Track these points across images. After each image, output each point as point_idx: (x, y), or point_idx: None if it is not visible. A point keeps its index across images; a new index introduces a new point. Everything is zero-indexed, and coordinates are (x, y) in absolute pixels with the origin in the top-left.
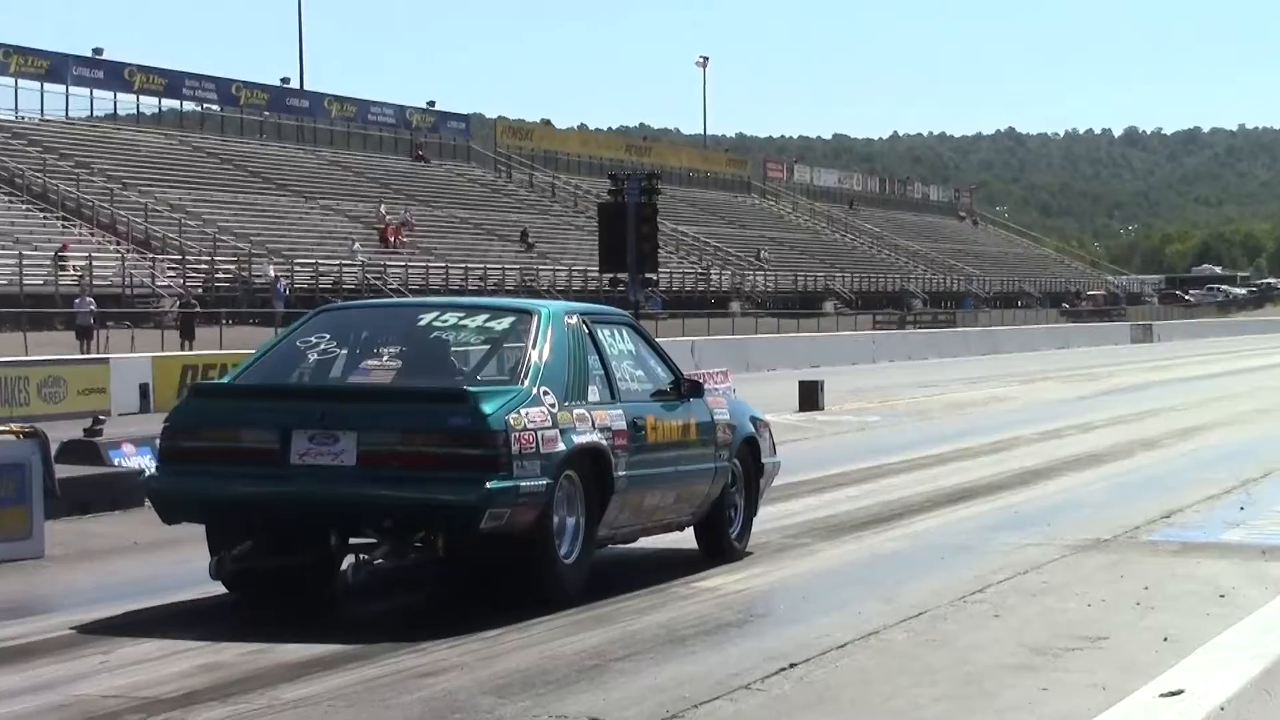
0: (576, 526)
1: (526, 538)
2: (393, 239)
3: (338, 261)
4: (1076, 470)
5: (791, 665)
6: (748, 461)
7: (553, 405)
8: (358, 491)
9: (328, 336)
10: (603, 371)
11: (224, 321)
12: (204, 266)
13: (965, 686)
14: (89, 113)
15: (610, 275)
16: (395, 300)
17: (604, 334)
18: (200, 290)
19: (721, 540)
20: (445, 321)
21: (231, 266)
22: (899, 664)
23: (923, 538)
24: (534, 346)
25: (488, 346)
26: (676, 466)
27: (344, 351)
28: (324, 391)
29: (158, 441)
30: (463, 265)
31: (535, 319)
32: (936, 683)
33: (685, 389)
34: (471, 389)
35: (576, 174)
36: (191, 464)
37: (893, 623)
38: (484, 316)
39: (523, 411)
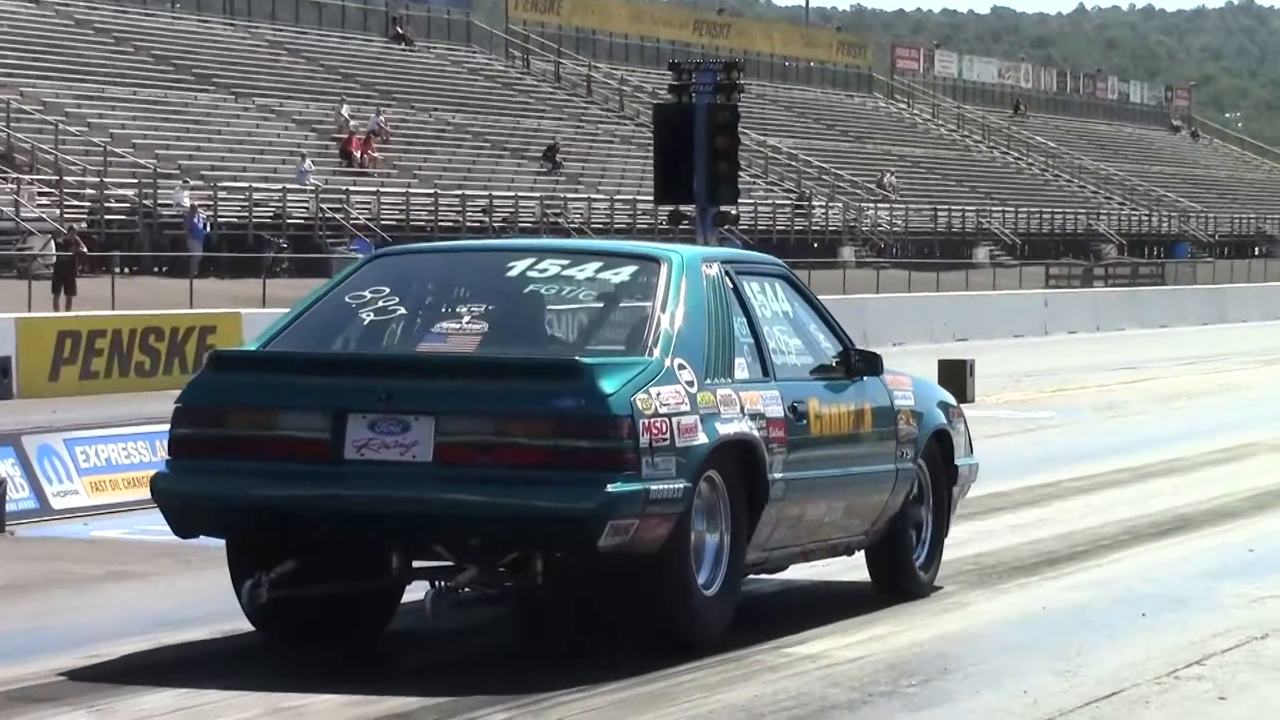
0: (719, 546)
1: (656, 560)
2: (359, 154)
3: (280, 185)
4: None
5: None
6: (937, 463)
7: (690, 383)
8: (436, 497)
9: (386, 290)
10: (752, 339)
11: (118, 270)
12: (90, 192)
13: None
14: None
15: (670, 208)
16: (475, 243)
17: (751, 288)
18: (85, 226)
19: (903, 568)
20: (544, 271)
21: (129, 192)
22: None
23: (1115, 586)
24: (664, 306)
25: (601, 305)
26: (847, 468)
27: (409, 310)
28: (389, 363)
29: (168, 429)
30: (458, 192)
31: (665, 268)
32: None
33: (858, 363)
34: (586, 361)
35: (623, 62)
36: (213, 459)
37: (1073, 707)
38: (595, 265)
39: (653, 391)
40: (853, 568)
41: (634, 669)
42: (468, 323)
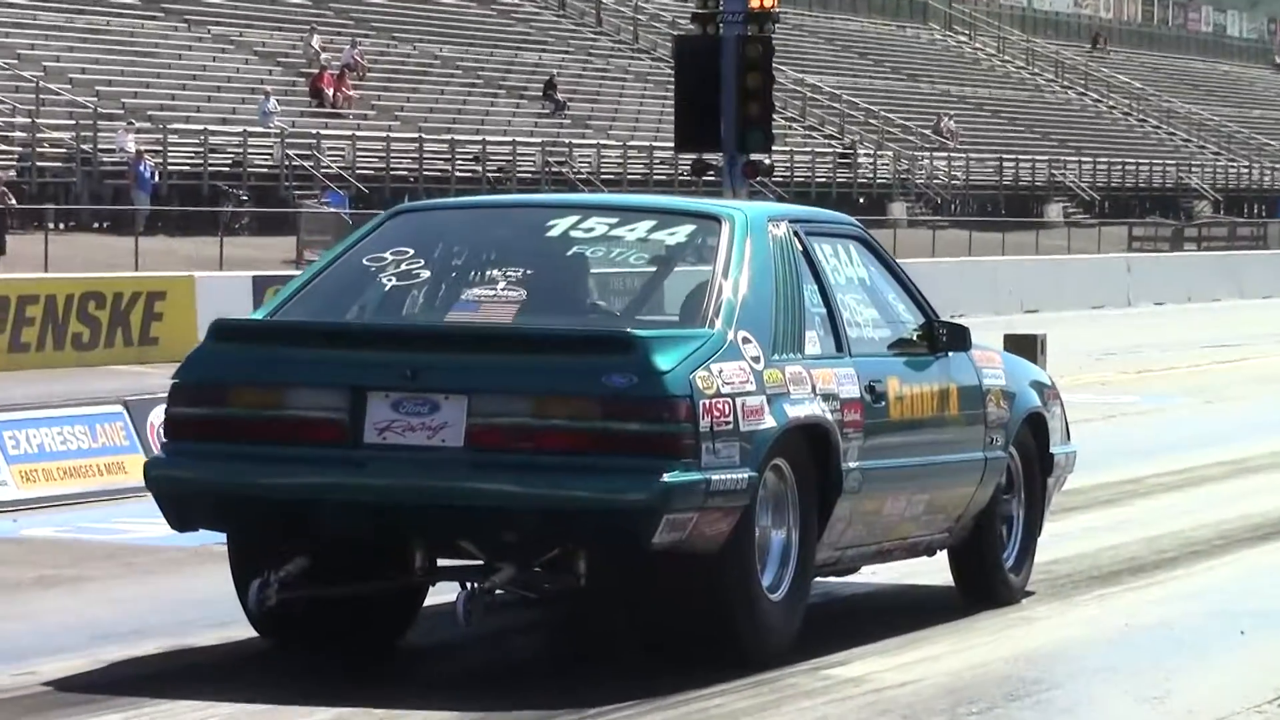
0: (786, 544)
1: (716, 560)
2: (332, 92)
3: (240, 128)
4: None
5: None
6: (1030, 451)
7: (756, 359)
8: (468, 486)
9: (410, 252)
10: (824, 309)
11: (52, 226)
12: (20, 135)
13: None
14: None
15: (693, 157)
16: (510, 198)
17: (823, 251)
18: (13, 174)
19: (991, 570)
20: (589, 231)
21: (65, 135)
22: None
23: (1209, 599)
24: (726, 271)
25: (654, 270)
26: (930, 456)
27: (436, 275)
28: (414, 335)
29: (163, 409)
30: (446, 136)
31: (727, 228)
32: None
33: (943, 337)
34: (638, 333)
35: None
36: (215, 442)
37: None
38: (648, 224)
39: (714, 368)
40: (905, 574)
41: (651, 690)
42: (503, 289)
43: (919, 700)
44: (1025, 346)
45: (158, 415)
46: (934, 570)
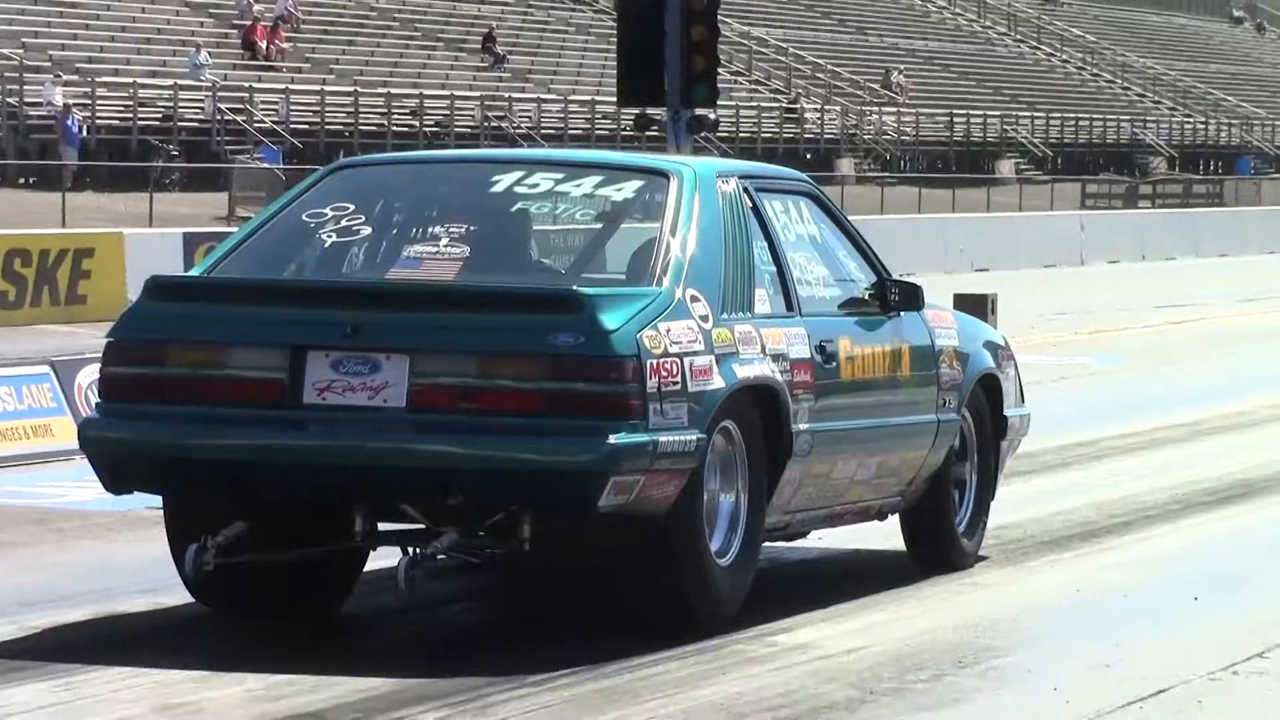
0: (735, 508)
1: (664, 523)
2: (265, 44)
3: (171, 82)
4: None
5: None
6: (983, 413)
7: (704, 318)
8: (409, 448)
9: (350, 208)
10: (774, 268)
11: None
12: None
13: None
14: None
15: (635, 111)
16: (452, 153)
17: (773, 208)
18: None
19: (943, 534)
20: (534, 186)
21: None
22: None
23: (1162, 563)
24: (674, 228)
25: (600, 226)
26: (882, 419)
27: (377, 231)
28: (355, 292)
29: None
30: (382, 90)
31: (675, 184)
32: None
33: (895, 296)
34: (584, 291)
35: None
36: (151, 402)
37: (1114, 706)
38: (595, 180)
39: (662, 327)
40: (854, 539)
41: (594, 657)
42: (446, 246)
43: (866, 667)
44: (976, 306)
45: (86, 376)
46: (884, 535)
